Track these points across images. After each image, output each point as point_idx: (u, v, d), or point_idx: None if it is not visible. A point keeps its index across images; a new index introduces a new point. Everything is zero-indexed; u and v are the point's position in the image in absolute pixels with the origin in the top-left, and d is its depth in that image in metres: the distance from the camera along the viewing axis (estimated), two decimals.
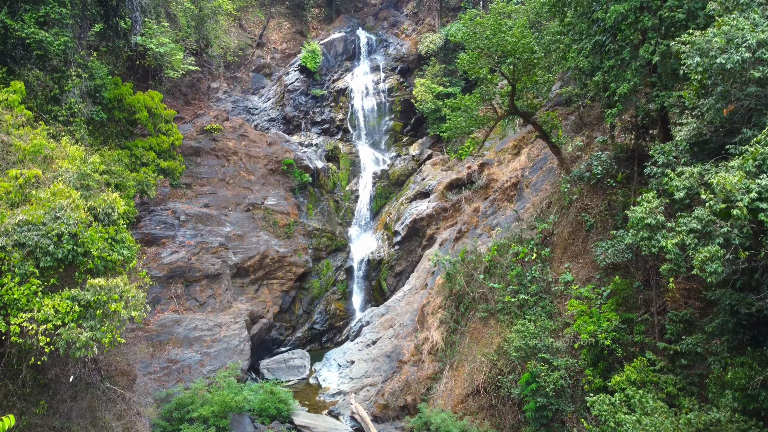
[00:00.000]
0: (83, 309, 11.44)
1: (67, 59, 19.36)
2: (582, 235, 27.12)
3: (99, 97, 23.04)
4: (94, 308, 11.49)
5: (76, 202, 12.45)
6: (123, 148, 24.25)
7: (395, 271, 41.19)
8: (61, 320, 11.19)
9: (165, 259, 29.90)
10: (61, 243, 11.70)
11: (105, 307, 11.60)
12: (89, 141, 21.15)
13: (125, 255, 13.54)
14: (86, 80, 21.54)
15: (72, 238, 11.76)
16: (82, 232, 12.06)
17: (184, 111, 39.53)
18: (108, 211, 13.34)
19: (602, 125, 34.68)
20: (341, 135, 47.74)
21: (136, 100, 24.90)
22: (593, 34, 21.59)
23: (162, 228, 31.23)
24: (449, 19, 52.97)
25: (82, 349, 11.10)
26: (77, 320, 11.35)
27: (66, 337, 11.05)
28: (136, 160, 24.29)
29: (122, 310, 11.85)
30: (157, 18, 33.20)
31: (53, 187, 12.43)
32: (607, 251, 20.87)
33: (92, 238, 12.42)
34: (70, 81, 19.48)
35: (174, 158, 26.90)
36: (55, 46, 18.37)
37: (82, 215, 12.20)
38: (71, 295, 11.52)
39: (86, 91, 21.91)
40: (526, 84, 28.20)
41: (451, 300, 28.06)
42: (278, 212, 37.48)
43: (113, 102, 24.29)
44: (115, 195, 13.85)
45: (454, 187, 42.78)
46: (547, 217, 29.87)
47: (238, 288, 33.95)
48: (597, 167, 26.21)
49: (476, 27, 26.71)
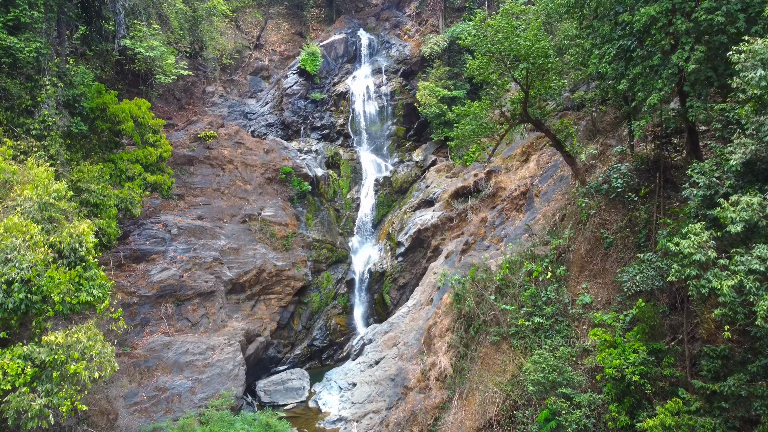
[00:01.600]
0: (38, 369, 9.65)
1: (40, 67, 17.58)
2: (600, 253, 25.27)
3: (78, 108, 21.22)
4: (51, 369, 9.70)
5: (35, 238, 10.68)
6: (107, 161, 22.44)
7: (399, 283, 39.39)
8: (11, 384, 9.41)
9: (154, 277, 28.10)
10: (12, 291, 9.95)
11: (63, 368, 9.80)
12: (66, 156, 19.38)
13: (95, 295, 11.74)
14: (63, 89, 19.72)
15: (25, 284, 9.99)
16: (40, 275, 10.24)
17: (178, 117, 37.74)
18: (74, 246, 11.57)
19: (617, 132, 32.87)
20: (342, 140, 45.91)
21: (121, 109, 23.08)
22: (617, 38, 19.76)
23: (152, 243, 29.43)
24: (453, 20, 51.14)
25: (35, 419, 9.30)
26: (30, 383, 9.57)
27: (16, 405, 9.27)
28: (121, 174, 22.48)
29: (83, 372, 10.02)
30: (147, 20, 31.40)
31: (7, 221, 10.65)
32: (634, 278, 19.01)
33: (53, 280, 10.63)
34: (44, 91, 17.69)
35: (163, 171, 25.08)
36: (26, 53, 16.59)
37: (39, 255, 10.43)
38: (24, 353, 9.74)
39: (63, 102, 20.11)
40: (539, 90, 26.37)
41: (460, 322, 26.24)
42: (276, 223, 35.67)
43: (96, 112, 22.48)
44: (84, 226, 12.05)
45: (459, 196, 41.00)
46: (561, 232, 28.04)
47: (233, 305, 32.15)
48: (617, 180, 24.38)
49: (487, 30, 24.88)
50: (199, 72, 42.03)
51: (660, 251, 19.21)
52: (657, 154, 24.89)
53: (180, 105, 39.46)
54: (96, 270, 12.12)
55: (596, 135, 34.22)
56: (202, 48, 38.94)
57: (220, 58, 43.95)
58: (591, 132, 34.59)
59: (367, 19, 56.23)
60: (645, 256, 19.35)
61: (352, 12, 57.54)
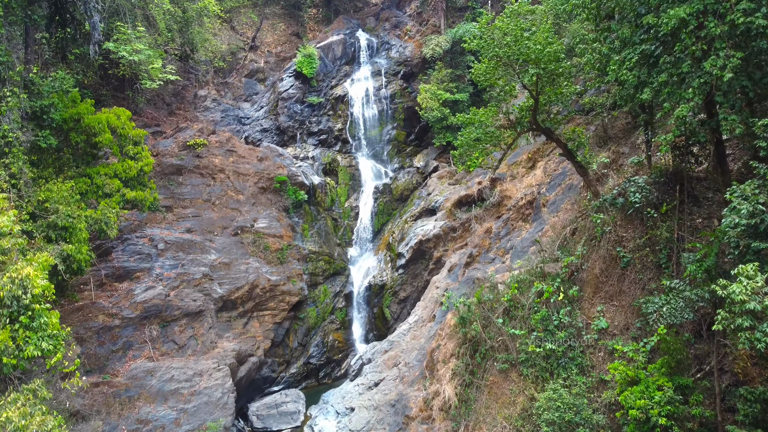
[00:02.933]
0: None
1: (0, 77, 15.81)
2: (617, 273, 23.44)
3: (47, 120, 19.45)
4: None
5: None
6: (83, 176, 20.67)
7: (399, 297, 37.60)
8: None
9: (138, 297, 26.31)
10: None
11: None
12: (32, 174, 17.63)
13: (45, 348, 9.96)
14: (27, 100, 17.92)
15: None
16: None
17: (167, 123, 35.93)
18: (17, 293, 9.81)
19: (630, 139, 31.06)
20: (340, 146, 44.07)
21: (97, 120, 21.27)
22: (638, 42, 17.92)
23: (136, 259, 27.64)
24: (455, 20, 49.28)
25: None
26: None
27: None
28: (98, 190, 20.71)
29: None
30: (132, 22, 29.61)
31: None
32: (660, 309, 17.17)
33: None
34: (4, 103, 15.93)
35: (144, 185, 23.27)
36: None
37: None
38: None
39: (29, 114, 18.34)
40: (549, 97, 24.56)
41: (465, 347, 24.44)
42: (270, 235, 33.87)
43: (69, 123, 20.70)
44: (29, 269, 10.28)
45: (463, 205, 39.19)
46: (572, 248, 26.22)
47: (224, 323, 30.36)
48: (634, 194, 22.54)
49: (494, 32, 23.06)
50: (191, 75, 40.21)
51: (688, 278, 17.43)
52: (677, 165, 23.12)
53: (170, 110, 37.64)
54: (47, 318, 10.36)
55: (607, 142, 32.44)
56: (193, 50, 37.10)
57: (213, 61, 42.12)
58: (602, 138, 32.82)
59: (366, 19, 54.38)
60: (672, 283, 17.54)
61: (351, 12, 55.70)
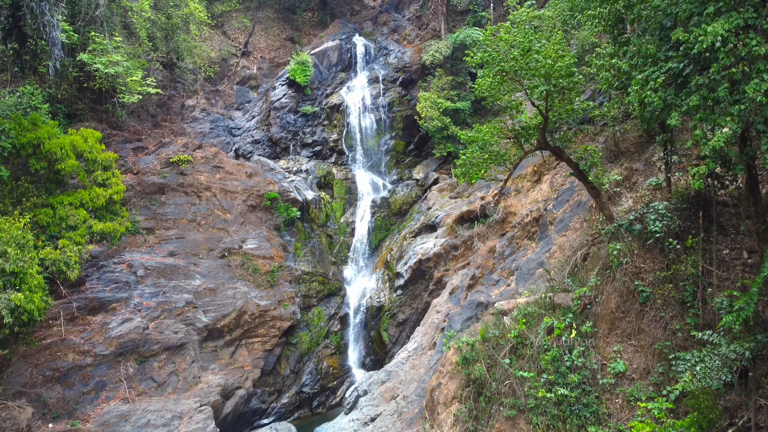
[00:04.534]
0: None
1: None
2: (635, 309, 21.32)
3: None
4: None
5: None
6: (45, 207, 18.66)
7: (398, 319, 35.53)
8: None
9: (114, 331, 24.24)
10: None
11: None
12: None
13: None
14: None
15: None
16: None
17: (152, 136, 33.85)
18: None
19: (644, 155, 29.01)
20: (335, 158, 41.97)
21: (60, 144, 19.22)
22: (665, 60, 15.84)
23: (113, 289, 25.58)
24: (456, 24, 47.16)
25: None
26: None
27: None
28: (61, 222, 18.70)
29: None
30: (111, 32, 27.55)
31: None
32: (693, 368, 15.07)
33: None
34: None
35: (115, 214, 21.22)
36: None
37: None
38: None
39: None
40: (560, 114, 22.48)
41: (468, 390, 22.31)
42: (259, 257, 31.80)
43: (27, 149, 18.67)
44: None
45: (465, 221, 37.13)
46: (584, 276, 24.10)
47: (209, 353, 28.32)
48: (654, 223, 20.44)
49: (499, 44, 20.98)
50: (178, 84, 38.15)
51: (722, 330, 15.35)
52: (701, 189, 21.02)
53: (155, 122, 35.58)
54: None
55: (619, 156, 30.40)
56: (179, 59, 35.03)
57: (202, 68, 40.03)
58: (612, 153, 30.79)
59: (363, 23, 52.27)
60: (704, 335, 15.44)
61: (348, 15, 53.60)
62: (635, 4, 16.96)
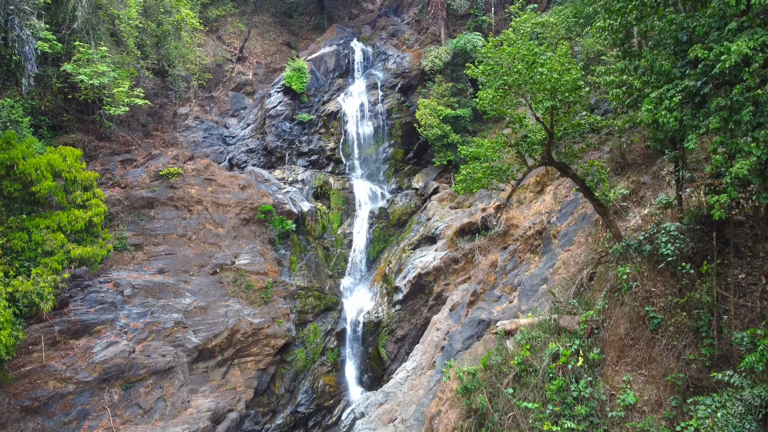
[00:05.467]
0: None
1: None
2: (645, 336, 20.18)
3: None
4: None
5: None
6: (21, 230, 17.57)
7: (396, 335, 34.40)
8: None
9: (98, 356, 23.13)
10: None
11: None
12: None
13: None
14: None
15: None
16: None
17: (142, 147, 32.72)
18: None
19: (652, 168, 27.88)
20: (332, 167, 40.83)
21: (36, 164, 18.08)
22: (680, 77, 14.73)
23: (98, 310, 24.47)
24: (457, 29, 46.01)
25: None
26: None
27: None
28: (37, 247, 17.61)
29: None
30: (97, 40, 26.44)
31: None
32: (714, 415, 13.94)
33: None
34: None
35: (96, 236, 20.09)
36: None
37: None
38: None
39: None
40: (566, 129, 21.35)
41: (470, 421, 21.17)
42: (253, 273, 30.68)
43: (0, 170, 17.58)
44: None
45: (465, 233, 36.02)
46: (590, 298, 22.99)
47: (200, 375, 27.21)
48: (666, 246, 19.28)
49: (502, 56, 19.87)
50: (170, 92, 37.03)
51: (744, 370, 14.21)
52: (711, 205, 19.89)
53: (146, 131, 34.45)
54: None
55: (625, 168, 29.28)
56: (170, 66, 33.89)
57: (195, 75, 38.88)
58: (618, 165, 29.66)
59: (361, 27, 51.12)
60: (724, 376, 14.30)
61: (346, 19, 52.46)
62: (647, 15, 15.85)
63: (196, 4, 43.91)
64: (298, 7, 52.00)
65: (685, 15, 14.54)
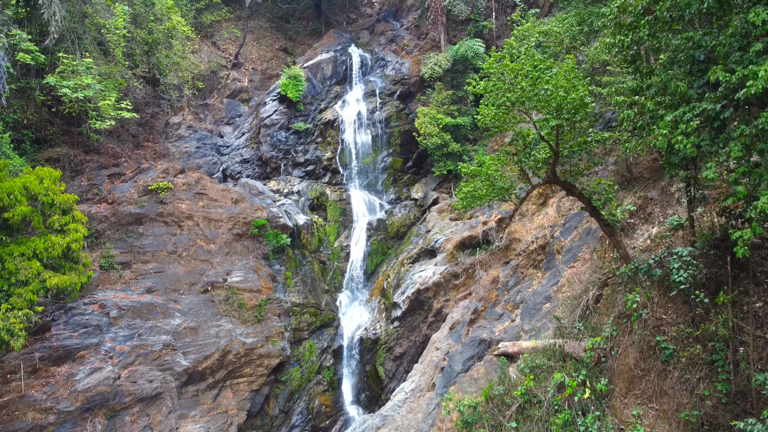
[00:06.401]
0: None
1: None
2: (656, 367, 19.10)
3: None
4: None
5: None
6: None
7: (395, 353, 33.32)
8: None
9: (81, 383, 22.06)
10: None
11: None
12: None
13: None
14: None
15: None
16: None
17: (132, 158, 31.66)
18: None
19: (659, 183, 26.80)
20: (329, 177, 39.75)
21: (8, 189, 16.93)
22: (697, 98, 13.66)
23: (82, 334, 23.41)
24: (457, 34, 44.94)
25: None
26: None
27: None
28: (11, 276, 16.54)
29: None
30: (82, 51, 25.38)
31: None
32: None
33: None
34: None
35: (76, 262, 19.00)
36: None
37: None
38: None
39: None
40: (572, 147, 20.28)
41: None
42: (246, 290, 29.62)
43: None
44: None
45: (466, 246, 34.95)
46: (597, 322, 21.94)
47: (189, 399, 26.14)
48: (679, 273, 18.20)
49: (504, 71, 18.82)
50: (162, 101, 35.96)
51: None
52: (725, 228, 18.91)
53: (136, 142, 33.39)
54: None
55: (631, 182, 28.23)
56: (161, 74, 32.82)
57: (188, 83, 37.80)
58: (624, 179, 28.64)
59: (359, 32, 50.05)
60: (746, 425, 13.23)
61: (344, 24, 51.39)
62: (660, 31, 14.77)
63: (189, 10, 42.88)
64: (295, 12, 50.92)
65: (703, 32, 13.46)
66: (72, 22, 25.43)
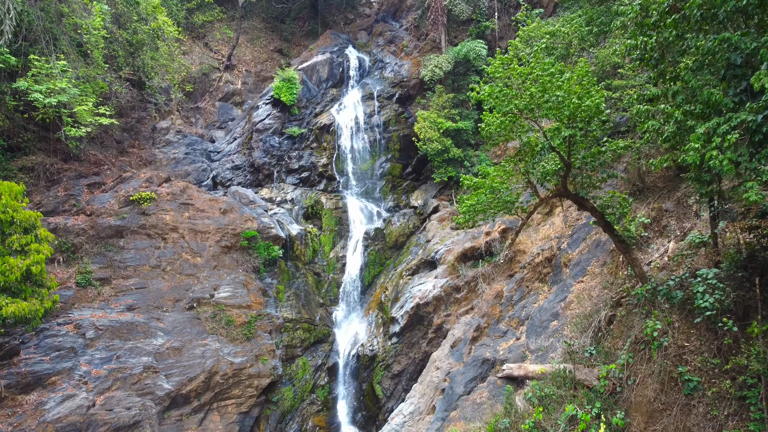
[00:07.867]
0: None
1: None
2: (679, 401, 17.36)
3: None
4: None
5: None
6: None
7: (393, 371, 31.60)
8: None
9: (50, 413, 20.34)
10: None
11: None
12: None
13: None
14: None
15: None
16: None
17: (115, 166, 29.95)
18: None
19: (675, 194, 25.09)
20: (324, 184, 38.04)
21: None
22: (734, 108, 11.96)
23: (54, 358, 21.70)
24: (458, 35, 43.23)
25: None
26: None
27: None
28: None
29: None
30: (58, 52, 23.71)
31: None
32: None
33: None
34: None
35: (40, 286, 17.35)
36: None
37: None
38: None
39: None
40: (584, 158, 18.59)
41: None
42: (234, 306, 27.92)
43: None
44: None
45: (468, 258, 33.23)
46: (611, 346, 20.23)
47: (173, 425, 24.43)
48: (705, 298, 16.50)
49: (511, 75, 17.13)
50: (148, 105, 34.26)
51: None
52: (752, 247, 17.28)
53: (120, 149, 31.67)
54: None
55: (644, 192, 26.56)
56: (147, 77, 31.12)
57: (176, 86, 36.08)
58: (636, 188, 26.96)
59: (357, 33, 48.35)
60: None
61: (341, 25, 49.69)
62: (688, 32, 13.05)
63: (180, 10, 41.23)
64: (291, 12, 49.23)
65: (740, 33, 11.75)
66: (48, 22, 23.79)
